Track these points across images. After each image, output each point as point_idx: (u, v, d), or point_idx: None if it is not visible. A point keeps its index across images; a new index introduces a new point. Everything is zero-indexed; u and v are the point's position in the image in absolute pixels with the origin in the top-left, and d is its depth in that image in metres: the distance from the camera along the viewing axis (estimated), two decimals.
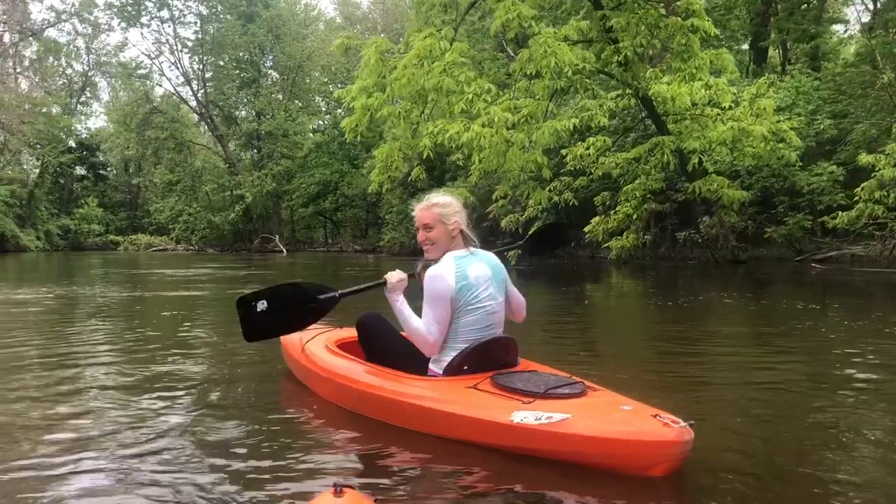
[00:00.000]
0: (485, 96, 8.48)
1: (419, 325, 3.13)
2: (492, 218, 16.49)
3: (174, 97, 48.01)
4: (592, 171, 13.14)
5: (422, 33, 8.62)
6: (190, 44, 46.70)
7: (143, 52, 48.52)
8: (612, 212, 14.33)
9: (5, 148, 43.12)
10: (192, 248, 42.72)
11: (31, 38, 47.09)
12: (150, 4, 45.00)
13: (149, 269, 20.78)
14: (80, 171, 50.04)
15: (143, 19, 45.55)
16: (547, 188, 12.94)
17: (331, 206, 40.97)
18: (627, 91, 11.66)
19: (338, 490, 1.71)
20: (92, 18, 46.43)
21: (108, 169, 52.19)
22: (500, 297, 3.24)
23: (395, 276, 3.24)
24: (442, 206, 3.22)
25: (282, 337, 4.16)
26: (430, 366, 3.21)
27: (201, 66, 46.78)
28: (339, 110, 38.11)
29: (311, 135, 44.69)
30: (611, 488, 2.39)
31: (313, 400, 3.53)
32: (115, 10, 45.16)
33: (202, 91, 46.74)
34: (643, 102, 11.81)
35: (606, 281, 14.18)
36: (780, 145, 12.26)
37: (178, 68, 47.69)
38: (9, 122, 38.96)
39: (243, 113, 47.13)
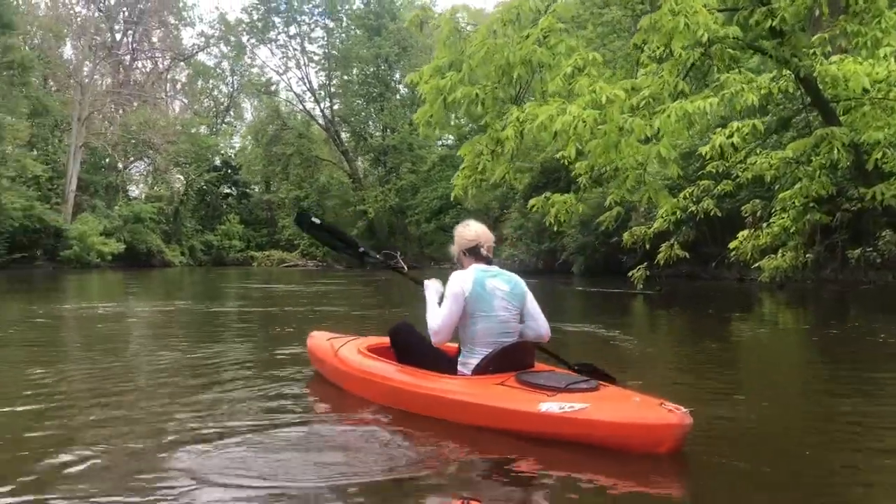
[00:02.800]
0: (590, 69, 6.53)
1: (432, 313, 3.76)
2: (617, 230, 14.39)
3: (302, 113, 48.83)
4: (739, 173, 10.70)
5: None
6: (316, 58, 47.35)
7: (272, 69, 49.44)
8: (764, 224, 11.87)
9: (156, 168, 45.56)
10: (321, 264, 42.89)
11: (182, 63, 49.81)
12: (277, 20, 46.09)
13: (272, 284, 21.74)
14: (224, 188, 51.85)
15: (272, 34, 46.70)
16: (681, 194, 10.67)
17: (451, 222, 39.55)
18: (784, 72, 9.28)
19: (466, 502, 1.90)
20: (234, 41, 48.15)
21: (251, 187, 53.81)
22: (513, 311, 3.75)
23: (432, 280, 4.03)
24: (456, 233, 3.93)
25: (311, 343, 5.03)
26: (459, 368, 3.73)
27: (327, 81, 47.24)
28: (464, 120, 36.80)
29: (437, 147, 43.90)
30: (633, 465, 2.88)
31: (396, 412, 3.73)
32: (245, 26, 46.62)
33: (328, 107, 47.17)
34: (804, 85, 9.31)
35: (756, 309, 12.40)
36: None
37: (304, 84, 48.47)
38: (159, 142, 41.00)
39: (371, 127, 47.16)
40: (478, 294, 3.64)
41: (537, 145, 20.57)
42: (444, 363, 3.84)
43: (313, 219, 4.60)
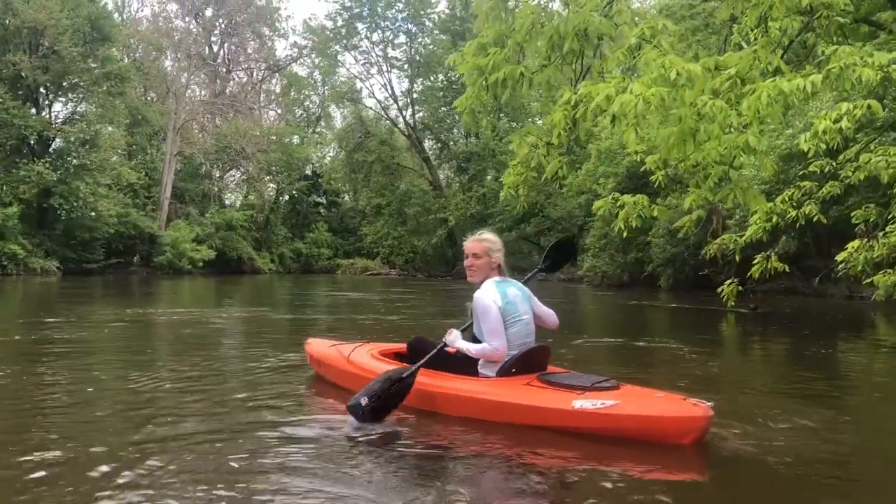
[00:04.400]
0: (660, 40, 5.44)
1: (481, 346, 4.01)
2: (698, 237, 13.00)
3: (384, 120, 48.70)
4: (849, 173, 9.24)
5: None
6: (398, 63, 47.18)
7: (355, 75, 49.57)
8: (880, 234, 10.33)
9: (249, 177, 46.56)
10: (404, 272, 42.51)
11: (275, 74, 50.84)
12: (360, 25, 46.16)
13: (352, 292, 21.66)
14: (314, 197, 52.42)
15: (354, 40, 46.80)
16: (779, 198, 9.32)
17: (533, 231, 38.01)
18: None
19: None
20: (321, 48, 48.58)
21: (340, 195, 54.25)
22: (531, 312, 4.17)
23: (450, 335, 4.18)
24: (491, 242, 4.22)
25: (312, 350, 5.27)
26: (480, 370, 4.03)
27: (410, 87, 46.95)
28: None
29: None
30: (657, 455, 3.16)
31: (427, 414, 3.98)
32: (330, 32, 46.94)
33: (410, 113, 46.88)
34: None
35: (868, 331, 10.92)
36: None
37: (386, 90, 48.38)
38: (252, 152, 41.82)
39: (455, 134, 46.54)
40: (506, 303, 4.01)
41: (623, 146, 19.24)
42: (460, 367, 4.08)
43: (362, 401, 3.79)
